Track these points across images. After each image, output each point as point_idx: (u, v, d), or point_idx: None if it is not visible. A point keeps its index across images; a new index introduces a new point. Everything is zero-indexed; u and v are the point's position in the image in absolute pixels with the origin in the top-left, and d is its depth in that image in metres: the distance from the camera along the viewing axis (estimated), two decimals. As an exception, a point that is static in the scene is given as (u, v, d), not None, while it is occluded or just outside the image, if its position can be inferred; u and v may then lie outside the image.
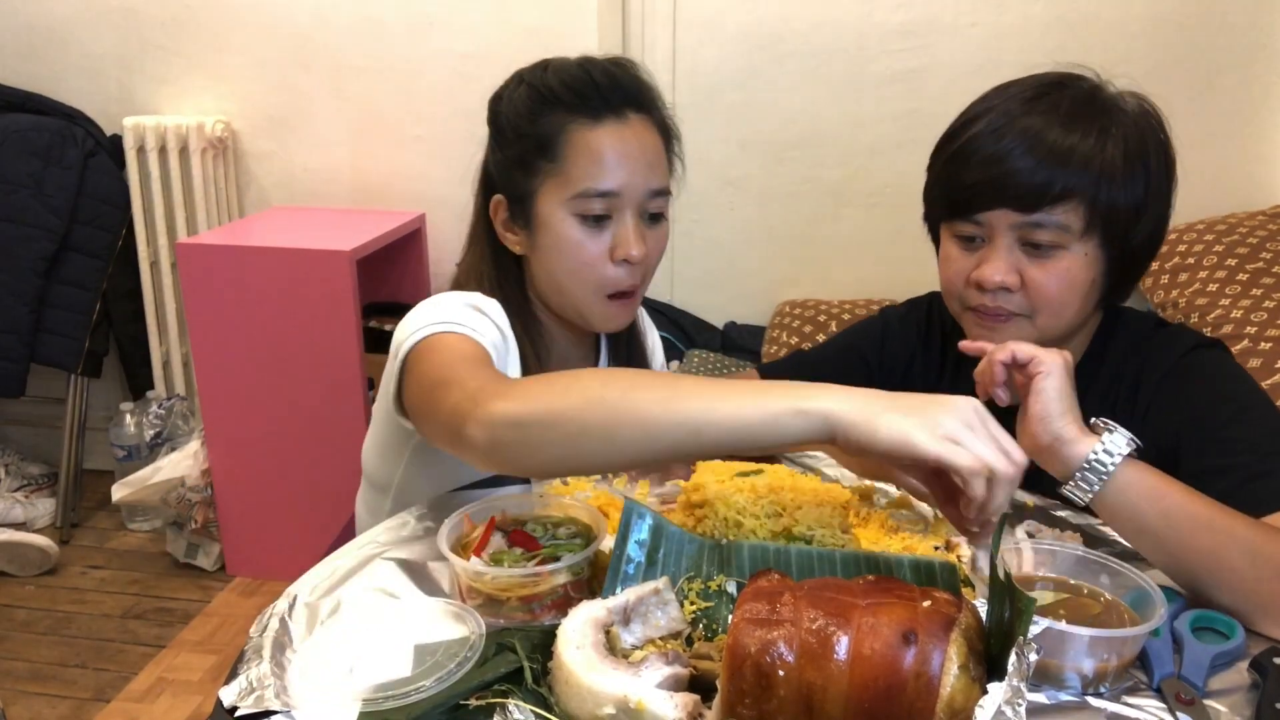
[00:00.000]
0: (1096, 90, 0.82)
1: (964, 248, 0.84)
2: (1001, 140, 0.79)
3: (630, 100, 0.85)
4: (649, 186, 0.85)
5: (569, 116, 0.83)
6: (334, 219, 2.02)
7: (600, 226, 0.84)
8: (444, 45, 1.98)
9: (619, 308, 0.87)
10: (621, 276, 0.85)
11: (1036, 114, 0.80)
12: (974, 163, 0.81)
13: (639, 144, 0.84)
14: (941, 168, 0.86)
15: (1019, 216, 0.79)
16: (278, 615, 0.67)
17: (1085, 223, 0.79)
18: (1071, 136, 0.78)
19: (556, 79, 0.84)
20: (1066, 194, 0.78)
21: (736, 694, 0.53)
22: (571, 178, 0.83)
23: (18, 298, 2.00)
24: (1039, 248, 0.80)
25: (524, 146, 0.85)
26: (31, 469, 2.27)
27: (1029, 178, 0.78)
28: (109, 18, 2.08)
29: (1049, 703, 0.59)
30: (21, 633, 1.82)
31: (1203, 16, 1.78)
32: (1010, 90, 0.83)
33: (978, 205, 0.81)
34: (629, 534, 0.69)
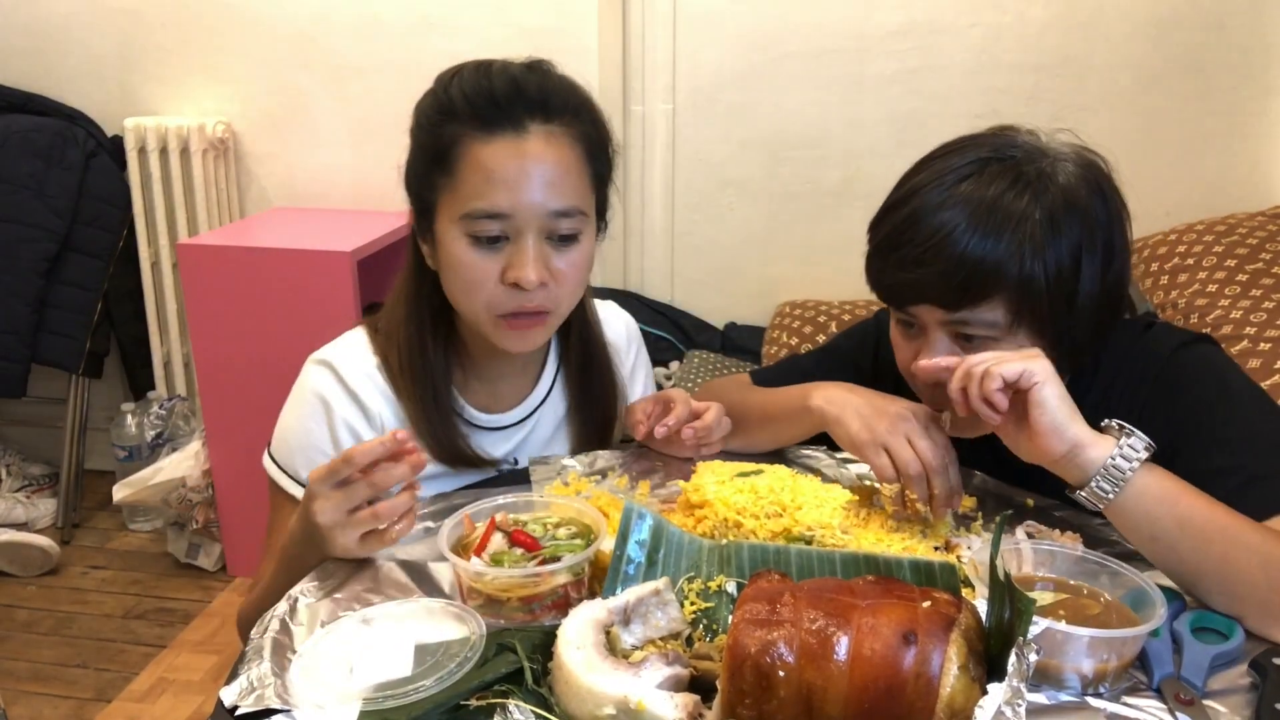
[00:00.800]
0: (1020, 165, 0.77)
1: (904, 332, 0.83)
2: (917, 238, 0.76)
3: (534, 110, 0.77)
4: (550, 207, 0.77)
5: (463, 129, 0.77)
6: (334, 219, 2.02)
7: (494, 247, 0.78)
8: (444, 46, 1.98)
9: (518, 330, 0.81)
10: (510, 299, 0.79)
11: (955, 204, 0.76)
12: (892, 263, 0.79)
13: (538, 161, 0.76)
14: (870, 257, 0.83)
15: (945, 314, 0.77)
16: (278, 616, 0.67)
17: (1012, 317, 0.76)
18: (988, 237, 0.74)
19: (458, 87, 0.78)
20: (985, 296, 0.75)
21: (736, 694, 0.53)
22: (462, 195, 0.77)
23: (19, 298, 2.00)
24: (971, 339, 0.78)
25: (424, 158, 0.80)
26: (33, 469, 2.27)
27: (947, 280, 0.75)
28: (110, 19, 2.08)
29: (1049, 703, 0.59)
30: (23, 633, 1.83)
31: (1201, 17, 1.78)
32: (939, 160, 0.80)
33: (905, 299, 0.80)
34: (629, 534, 0.69)
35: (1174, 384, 0.82)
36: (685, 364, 1.90)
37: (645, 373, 1.06)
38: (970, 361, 0.71)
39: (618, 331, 1.01)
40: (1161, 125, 1.82)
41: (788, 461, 0.91)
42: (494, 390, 0.91)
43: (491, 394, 0.91)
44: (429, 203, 0.81)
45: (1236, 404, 0.79)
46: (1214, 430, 0.78)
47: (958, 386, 0.71)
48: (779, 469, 0.82)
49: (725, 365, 1.89)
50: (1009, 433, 0.72)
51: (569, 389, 0.95)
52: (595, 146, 0.82)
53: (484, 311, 0.80)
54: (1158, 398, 0.82)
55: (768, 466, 0.83)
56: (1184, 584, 0.69)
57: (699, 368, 1.87)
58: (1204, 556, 0.66)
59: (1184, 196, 1.85)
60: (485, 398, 0.91)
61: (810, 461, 0.93)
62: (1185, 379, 0.82)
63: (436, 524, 0.78)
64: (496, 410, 0.91)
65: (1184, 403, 0.81)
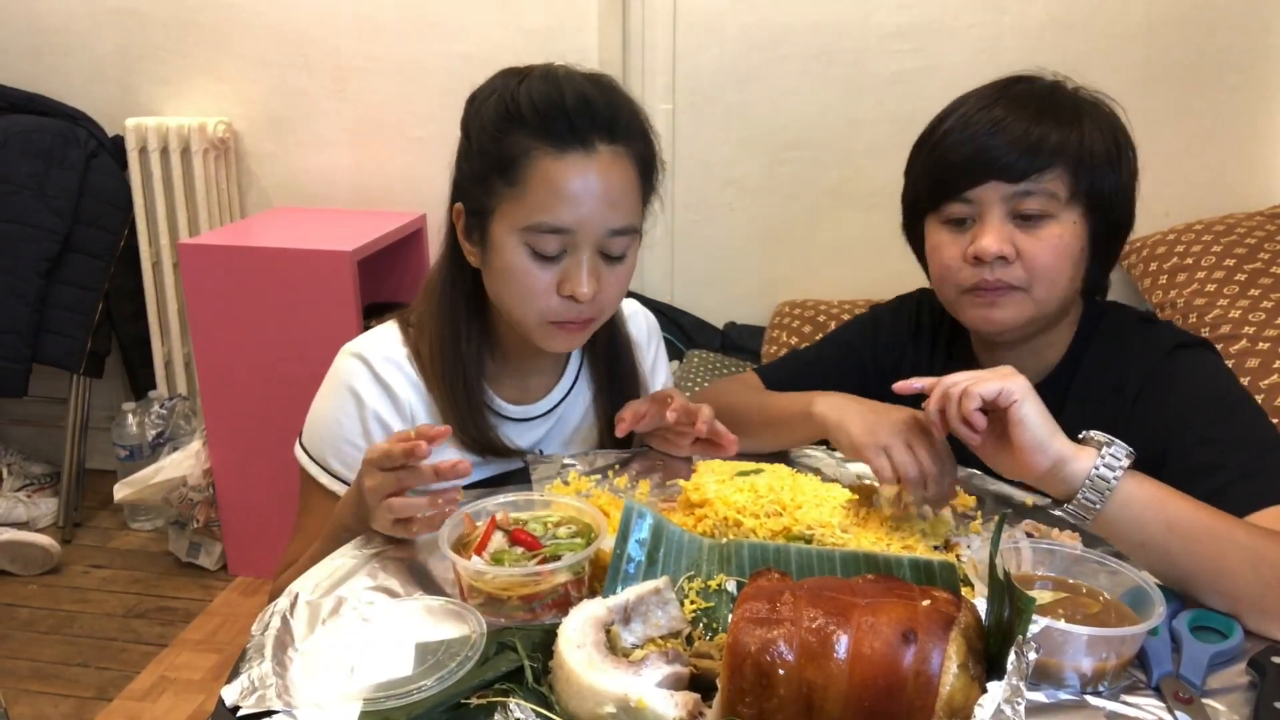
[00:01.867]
0: (1058, 85, 0.87)
1: (954, 232, 0.86)
2: (984, 121, 0.83)
3: (602, 130, 0.79)
4: (609, 226, 0.80)
5: (533, 142, 0.78)
6: (335, 219, 2.02)
7: (552, 261, 0.80)
8: (444, 46, 1.98)
9: (564, 334, 0.84)
10: (565, 309, 0.81)
11: (1009, 101, 0.84)
12: (959, 143, 0.84)
13: (604, 181, 0.78)
14: (925, 159, 0.89)
15: (1008, 187, 0.82)
16: (279, 614, 0.67)
17: (1069, 191, 0.82)
18: (1045, 118, 0.82)
19: (526, 97, 0.79)
20: (1051, 161, 0.81)
21: (737, 693, 0.53)
22: (527, 207, 0.79)
23: (20, 298, 2.00)
24: (1029, 219, 0.83)
25: (485, 163, 0.81)
26: (34, 469, 2.28)
27: (1016, 146, 0.81)
28: (111, 19, 2.08)
29: (1048, 701, 0.59)
30: (24, 632, 1.83)
31: (1200, 18, 1.78)
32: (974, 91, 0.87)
33: (967, 182, 0.83)
34: (629, 533, 0.69)
35: (1169, 382, 0.83)
36: (685, 364, 1.90)
37: (664, 368, 1.08)
38: (946, 382, 0.72)
39: (640, 327, 1.03)
40: (1160, 125, 1.82)
41: (788, 461, 0.91)
42: (523, 383, 0.93)
43: (521, 386, 0.93)
44: (484, 206, 0.82)
45: (1228, 407, 0.80)
46: (1204, 430, 0.79)
47: (935, 407, 0.72)
48: (779, 468, 0.82)
49: (725, 365, 1.90)
50: (989, 452, 0.73)
51: (594, 381, 0.98)
52: (649, 166, 0.85)
53: (535, 318, 0.83)
54: (1151, 393, 0.83)
55: (768, 466, 0.83)
56: (1177, 586, 0.69)
57: (699, 367, 1.87)
58: (1193, 558, 0.67)
59: (1182, 196, 1.85)
60: (514, 390, 0.93)
61: (810, 461, 0.93)
62: (1180, 378, 0.83)
63: (437, 523, 0.79)
64: (525, 402, 0.93)
65: (1177, 401, 0.82)
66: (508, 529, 0.72)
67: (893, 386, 0.78)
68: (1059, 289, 0.84)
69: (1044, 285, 0.84)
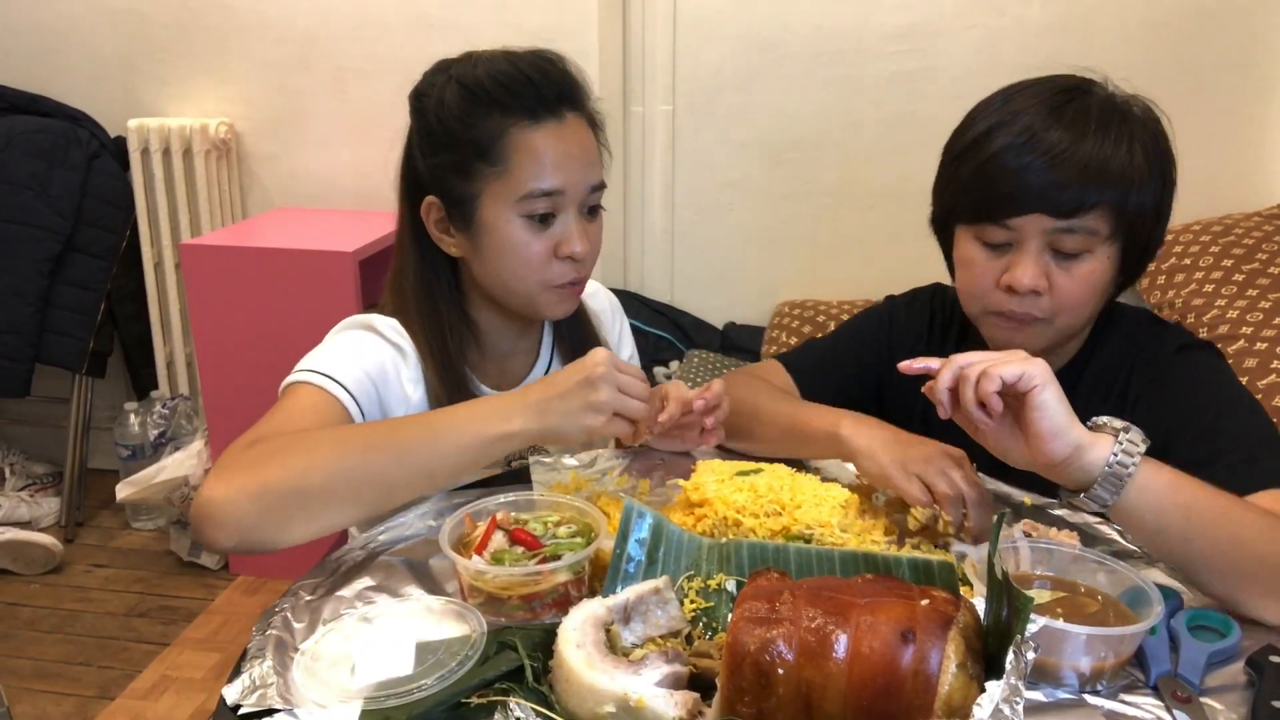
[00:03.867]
0: (1111, 97, 0.83)
1: (989, 253, 0.84)
2: (1036, 149, 0.80)
3: (565, 98, 0.84)
4: (589, 182, 0.86)
5: (506, 118, 0.82)
6: (336, 220, 2.03)
7: (544, 225, 0.84)
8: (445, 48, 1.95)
9: (566, 297, 0.89)
10: (566, 271, 0.86)
11: (1065, 124, 0.80)
12: (1007, 171, 0.81)
13: (577, 142, 0.85)
14: (969, 174, 0.84)
15: (1053, 222, 0.80)
16: (280, 614, 0.67)
17: (1112, 228, 0.81)
18: (1105, 147, 0.79)
19: (489, 77, 0.82)
20: (1100, 200, 0.79)
21: (736, 692, 0.53)
22: (516, 180, 0.82)
23: (22, 298, 2.01)
24: (1066, 254, 0.81)
25: (462, 151, 0.83)
26: (36, 468, 2.28)
27: (1067, 188, 0.79)
28: (113, 20, 2.09)
29: (1047, 700, 0.59)
30: (26, 630, 1.83)
31: (1198, 19, 1.78)
32: (1028, 97, 0.83)
33: (1013, 210, 0.81)
34: (629, 533, 0.69)
35: (1173, 380, 0.84)
36: (685, 364, 1.90)
37: (630, 344, 1.11)
38: (960, 361, 0.69)
39: (601, 304, 1.07)
40: (1159, 126, 1.82)
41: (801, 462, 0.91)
42: (502, 367, 0.96)
43: (501, 371, 0.96)
44: (466, 193, 0.84)
45: (1230, 403, 0.82)
46: (1204, 423, 0.80)
47: (946, 386, 0.69)
48: (778, 468, 0.83)
49: (725, 365, 1.90)
50: (997, 439, 0.70)
51: (564, 358, 1.00)
52: (600, 127, 0.90)
53: (537, 285, 0.86)
54: (1155, 389, 0.85)
55: (767, 465, 0.83)
56: (1191, 570, 0.69)
57: (699, 367, 1.88)
58: (1212, 541, 0.67)
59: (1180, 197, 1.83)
60: (495, 375, 0.95)
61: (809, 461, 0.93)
62: (1185, 377, 0.84)
63: (437, 522, 0.79)
64: (504, 385, 0.96)
65: (1180, 398, 0.83)
66: (508, 529, 0.72)
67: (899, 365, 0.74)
68: (1082, 319, 0.86)
69: (1068, 316, 0.84)
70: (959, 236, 0.88)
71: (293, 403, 0.80)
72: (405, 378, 0.87)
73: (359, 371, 0.83)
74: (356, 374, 0.82)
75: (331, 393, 0.80)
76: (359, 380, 0.82)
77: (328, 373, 0.81)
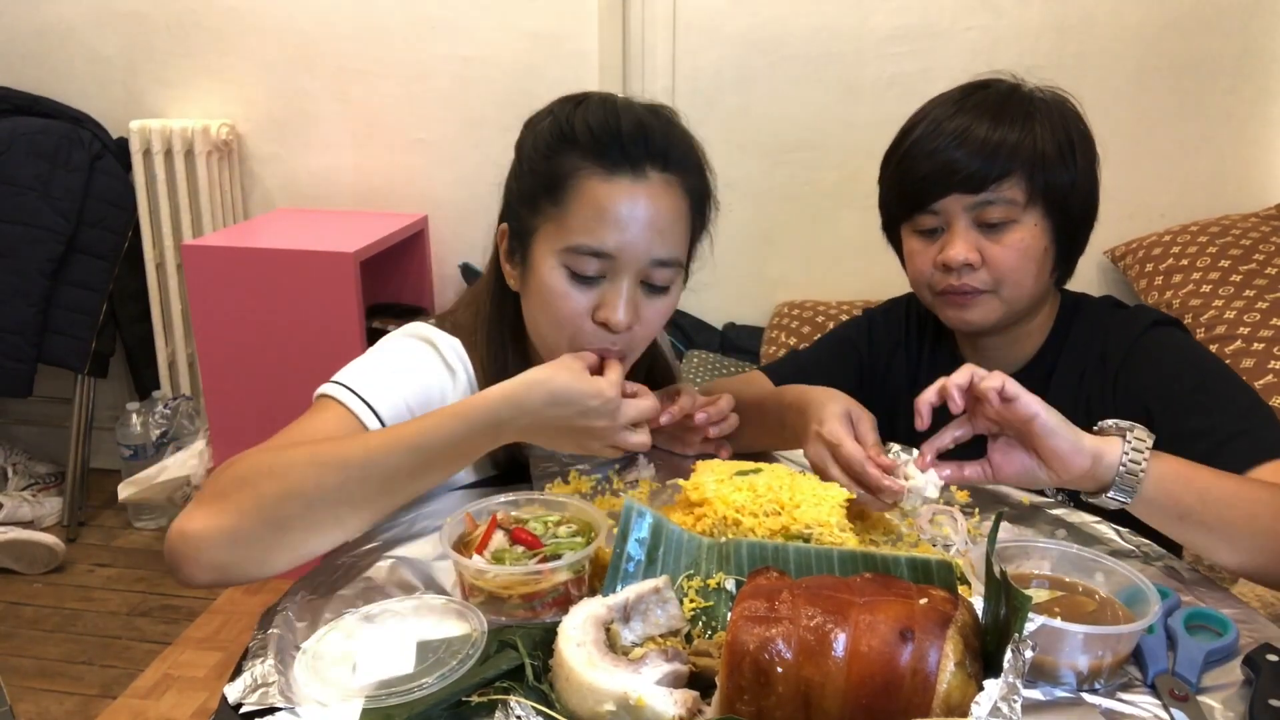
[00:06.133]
0: (1015, 88, 0.91)
1: (925, 240, 0.92)
2: (940, 136, 0.88)
3: (655, 157, 0.77)
4: (653, 255, 0.77)
5: (582, 162, 0.76)
6: (337, 221, 2.03)
7: (590, 285, 0.77)
8: (446, 49, 1.99)
9: None
10: (599, 337, 0.78)
11: (967, 112, 0.89)
12: (920, 159, 0.89)
13: (653, 207, 0.76)
14: (893, 171, 0.94)
15: (970, 198, 0.88)
16: (282, 613, 0.68)
17: (1027, 195, 0.87)
18: (1000, 126, 0.87)
19: (582, 119, 0.77)
20: (1007, 171, 0.86)
21: (735, 690, 0.54)
22: (569, 228, 0.76)
23: (25, 299, 2.01)
24: (993, 226, 0.88)
25: (534, 182, 0.79)
26: (39, 468, 2.29)
27: (970, 162, 0.87)
28: (115, 22, 2.09)
29: (1044, 699, 0.60)
30: (29, 630, 1.84)
31: (1195, 21, 1.79)
32: (939, 99, 0.93)
33: (932, 195, 0.89)
34: (629, 532, 0.70)
35: (1145, 358, 0.88)
36: (685, 364, 1.90)
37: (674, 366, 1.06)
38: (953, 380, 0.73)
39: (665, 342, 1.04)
40: (1155, 127, 1.82)
41: (786, 461, 0.91)
42: None
43: None
44: (528, 226, 0.80)
45: (1205, 372, 0.85)
46: (1186, 396, 0.83)
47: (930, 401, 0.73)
48: (777, 468, 0.83)
49: (725, 365, 1.90)
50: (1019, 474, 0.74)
51: None
52: (701, 201, 0.83)
53: (565, 343, 0.79)
54: (1129, 371, 0.88)
55: (766, 465, 0.83)
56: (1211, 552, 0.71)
57: (698, 368, 1.88)
58: (1229, 522, 0.69)
59: (1178, 198, 1.86)
60: None
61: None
62: (1156, 353, 0.88)
63: (438, 522, 0.79)
64: None
65: (1155, 374, 0.86)
66: (508, 528, 0.72)
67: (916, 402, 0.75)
68: (1025, 288, 0.90)
69: (1010, 286, 0.89)
70: (903, 236, 0.96)
71: (319, 423, 0.75)
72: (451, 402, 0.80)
73: (398, 399, 0.78)
74: (394, 401, 0.78)
75: (361, 419, 0.76)
76: (395, 408, 0.78)
77: (366, 396, 0.77)
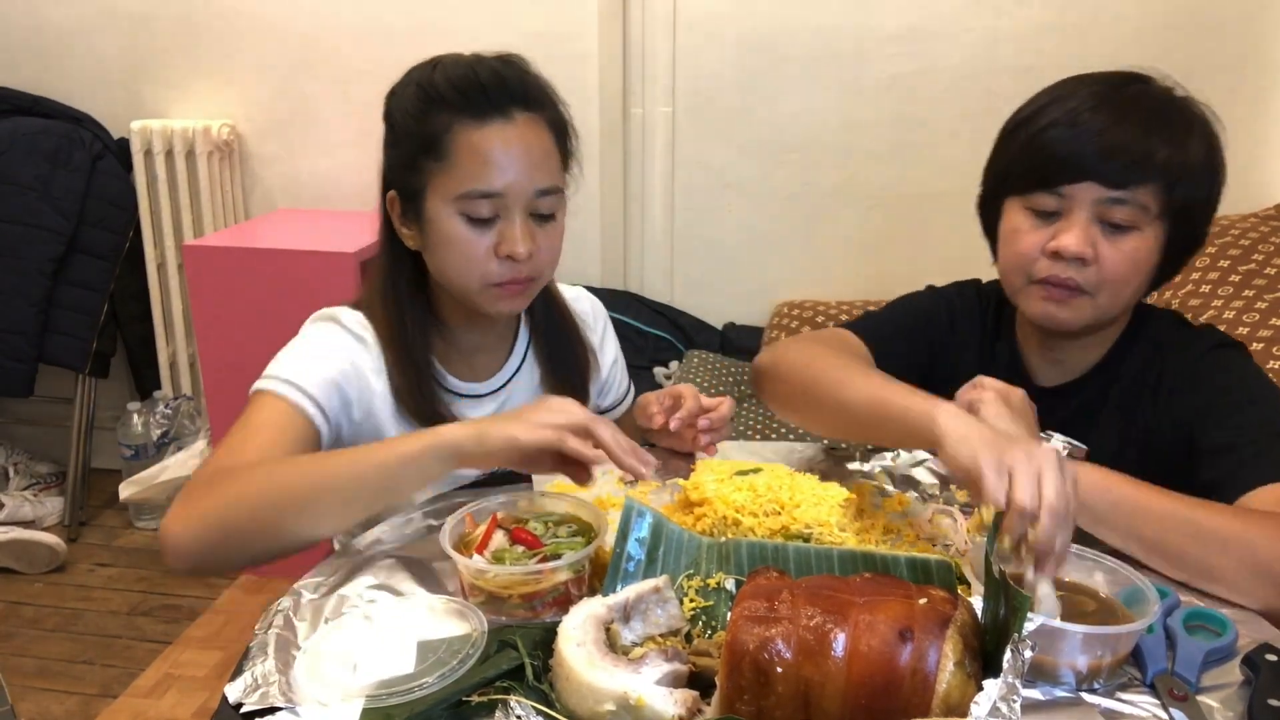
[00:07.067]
0: (1169, 90, 0.85)
1: (1037, 221, 0.85)
2: (1098, 114, 0.81)
3: (517, 99, 0.84)
4: (535, 186, 0.84)
5: (455, 117, 0.83)
6: (338, 221, 2.03)
7: (486, 225, 0.84)
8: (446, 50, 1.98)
9: (506, 296, 0.87)
10: (505, 270, 0.85)
11: (1127, 98, 0.82)
12: (1060, 137, 0.82)
13: (524, 144, 0.84)
14: (1024, 140, 0.86)
15: (1104, 192, 0.81)
16: (282, 612, 0.68)
17: (1161, 207, 0.82)
18: (1157, 129, 0.81)
19: (444, 78, 0.84)
20: (1153, 175, 0.81)
21: (735, 690, 0.54)
22: (457, 178, 0.83)
23: (26, 299, 2.02)
24: (1115, 226, 0.82)
25: (412, 146, 0.85)
26: (40, 468, 2.29)
27: (1124, 154, 0.80)
28: (116, 22, 2.09)
29: (1044, 699, 0.60)
30: (30, 629, 1.84)
31: (1195, 21, 1.79)
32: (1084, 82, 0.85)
33: (1066, 177, 0.82)
34: (629, 532, 0.70)
35: (1203, 375, 0.86)
36: (684, 364, 1.90)
37: (614, 347, 1.10)
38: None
39: (584, 308, 1.07)
40: (1158, 127, 1.82)
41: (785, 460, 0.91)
42: (471, 362, 0.96)
43: (469, 365, 0.96)
44: (416, 186, 0.86)
45: (1255, 397, 0.83)
46: (1226, 415, 0.82)
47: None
48: (777, 467, 0.83)
49: (724, 365, 1.90)
50: None
51: (540, 357, 1.00)
52: (563, 132, 0.89)
53: (477, 282, 0.86)
54: (1186, 384, 0.86)
55: (766, 465, 0.83)
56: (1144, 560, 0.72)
57: (698, 367, 1.88)
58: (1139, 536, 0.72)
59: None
60: (463, 369, 0.96)
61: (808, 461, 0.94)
62: (1213, 372, 0.86)
63: (439, 522, 0.79)
64: (473, 379, 0.96)
65: (1208, 391, 0.85)
66: (509, 528, 0.72)
67: None
68: (1123, 297, 0.85)
69: (1111, 292, 0.84)
70: (1007, 209, 0.88)
71: (257, 417, 0.82)
72: (368, 368, 0.88)
73: (322, 376, 0.85)
74: (320, 379, 0.84)
75: (294, 403, 0.82)
76: (323, 385, 0.84)
77: (293, 379, 0.83)
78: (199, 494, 0.76)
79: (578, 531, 0.72)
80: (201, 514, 0.74)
